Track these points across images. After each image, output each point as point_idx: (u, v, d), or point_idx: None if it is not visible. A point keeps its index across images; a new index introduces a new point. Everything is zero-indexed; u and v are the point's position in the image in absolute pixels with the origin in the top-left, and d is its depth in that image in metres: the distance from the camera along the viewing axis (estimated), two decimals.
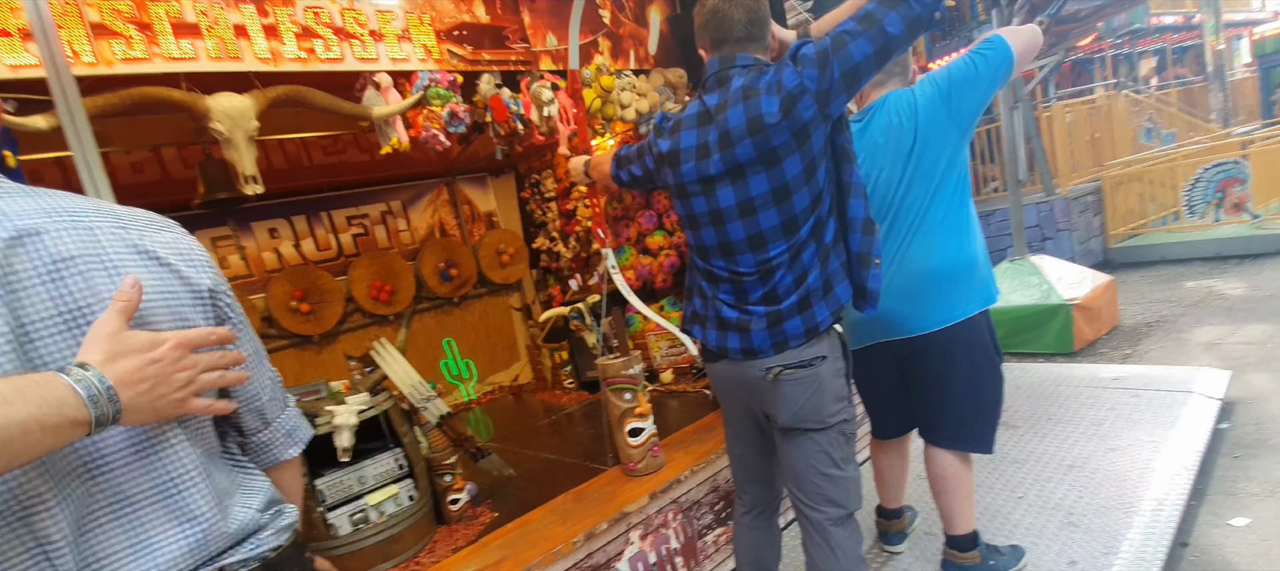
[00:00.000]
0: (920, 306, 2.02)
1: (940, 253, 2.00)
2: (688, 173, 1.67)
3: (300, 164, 4.46)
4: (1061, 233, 7.01)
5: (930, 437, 2.18)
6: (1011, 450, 3.04)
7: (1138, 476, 2.62)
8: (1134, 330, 4.82)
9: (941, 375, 2.06)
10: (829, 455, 1.69)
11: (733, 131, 1.54)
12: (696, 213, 1.69)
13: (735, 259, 1.65)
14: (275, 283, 4.33)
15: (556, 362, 4.91)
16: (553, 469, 3.12)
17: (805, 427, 1.67)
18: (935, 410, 2.13)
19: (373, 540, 2.42)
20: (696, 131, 1.65)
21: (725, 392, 1.88)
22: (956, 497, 2.17)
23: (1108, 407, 3.28)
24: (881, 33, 1.45)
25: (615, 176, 2.06)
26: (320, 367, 4.52)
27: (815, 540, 1.74)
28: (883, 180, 2.03)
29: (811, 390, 1.65)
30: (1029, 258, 5.05)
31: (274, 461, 1.09)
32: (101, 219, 0.86)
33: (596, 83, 3.46)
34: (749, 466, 1.94)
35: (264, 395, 1.07)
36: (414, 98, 2.76)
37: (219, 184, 2.90)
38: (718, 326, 1.74)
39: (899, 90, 2.05)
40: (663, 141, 1.76)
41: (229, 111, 2.30)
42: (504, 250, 5.50)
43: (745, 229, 1.61)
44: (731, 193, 1.60)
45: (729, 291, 1.71)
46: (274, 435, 1.09)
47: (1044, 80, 9.59)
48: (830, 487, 1.70)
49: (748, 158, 1.54)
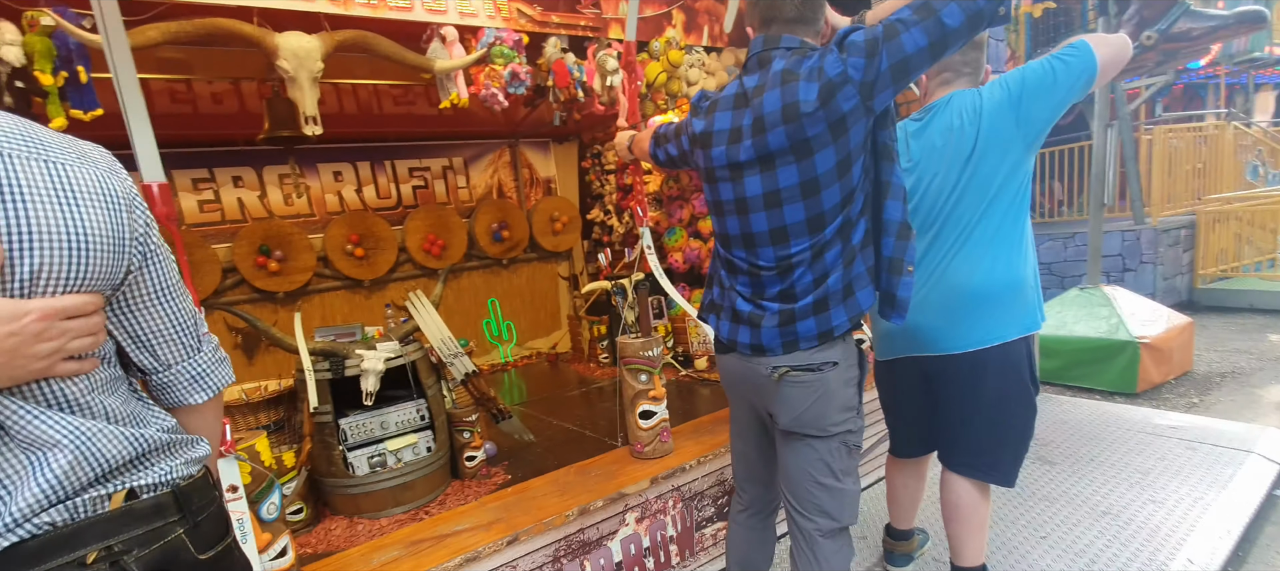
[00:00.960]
0: (956, 324, 1.91)
1: (986, 270, 1.88)
2: (718, 156, 1.60)
3: (371, 111, 4.61)
4: (1145, 265, 6.54)
5: (948, 462, 2.08)
6: (1043, 486, 2.89)
7: (1175, 533, 2.45)
8: (1205, 378, 4.47)
9: (968, 398, 1.95)
10: (828, 465, 1.63)
11: (766, 117, 1.47)
12: (722, 199, 1.64)
13: (756, 251, 1.60)
14: (334, 225, 4.53)
15: (594, 335, 4.96)
16: (573, 440, 3.17)
17: (806, 433, 1.62)
18: (957, 434, 2.02)
19: (387, 484, 2.53)
20: (731, 114, 1.58)
21: (732, 386, 1.83)
22: (969, 528, 2.06)
23: (1157, 456, 3.07)
24: (938, 25, 1.34)
25: (653, 155, 2.02)
26: (368, 312, 4.72)
27: (802, 549, 1.70)
28: (934, 186, 1.91)
29: (816, 396, 1.58)
30: (1102, 288, 4.73)
31: (178, 404, 1.06)
32: (16, 145, 0.83)
33: (664, 56, 3.42)
34: (749, 464, 1.90)
35: (163, 334, 1.01)
36: (477, 54, 2.80)
37: (283, 121, 3.03)
38: (731, 318, 1.70)
39: (965, 91, 1.91)
40: (697, 121, 1.69)
41: (296, 51, 2.40)
42: (558, 217, 5.56)
43: (769, 221, 1.54)
44: (758, 182, 1.53)
45: (747, 284, 1.66)
46: (176, 377, 1.04)
47: (1151, 100, 8.88)
48: (825, 498, 1.64)
49: (779, 146, 1.46)
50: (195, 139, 4.09)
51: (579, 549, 2.11)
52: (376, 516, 2.51)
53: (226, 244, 4.24)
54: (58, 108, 2.06)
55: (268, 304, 4.37)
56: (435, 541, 1.96)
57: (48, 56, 2.01)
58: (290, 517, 2.43)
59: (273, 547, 1.74)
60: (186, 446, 1.02)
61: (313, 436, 2.54)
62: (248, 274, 4.23)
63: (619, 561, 2.22)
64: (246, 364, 4.35)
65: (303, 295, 4.50)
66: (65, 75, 2.07)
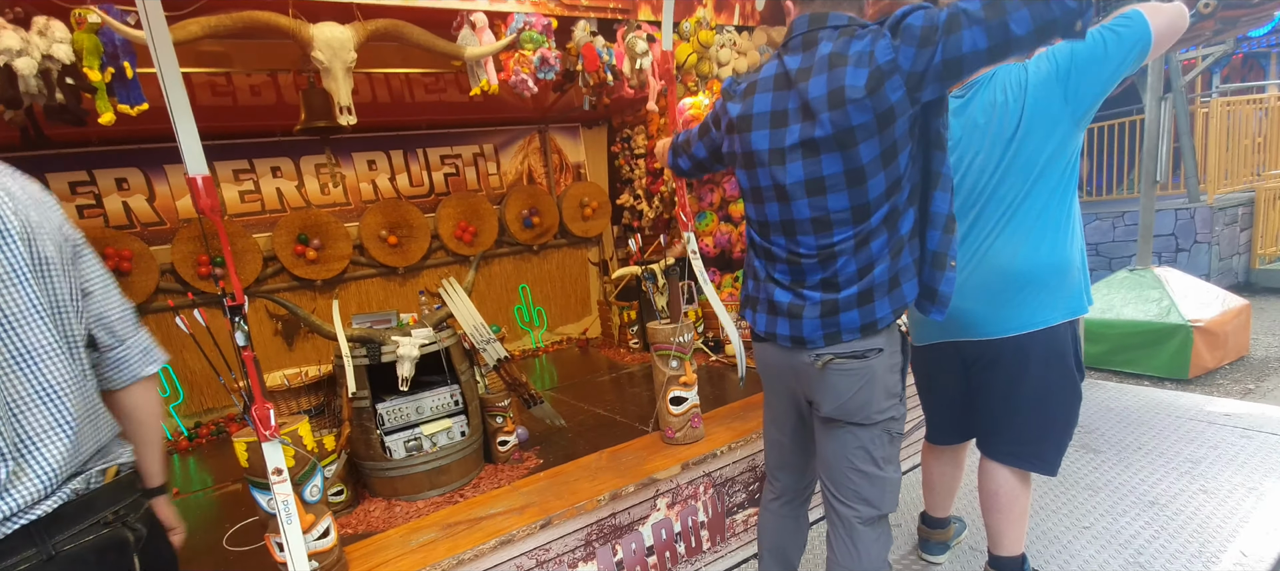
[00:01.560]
0: (998, 308, 1.85)
1: (1030, 252, 1.81)
2: (758, 141, 1.54)
3: (403, 100, 4.67)
4: (1199, 245, 6.26)
5: (988, 450, 2.02)
6: (1087, 475, 2.81)
7: (1226, 525, 2.36)
8: (1262, 364, 4.28)
9: (1011, 385, 1.89)
10: (869, 452, 1.60)
11: (813, 102, 1.40)
12: (761, 185, 1.57)
13: (796, 239, 1.54)
14: (369, 213, 4.61)
15: (625, 321, 4.97)
16: (604, 426, 3.19)
17: (849, 421, 1.58)
18: (998, 421, 1.96)
19: (423, 467, 2.58)
20: (772, 96, 1.50)
21: (770, 375, 1.79)
22: (1008, 517, 2.01)
23: (1210, 445, 2.95)
24: (1003, 28, 1.21)
25: (672, 166, 1.96)
26: (402, 299, 4.81)
27: (841, 536, 1.67)
28: (976, 165, 1.84)
29: (862, 383, 1.54)
30: (1153, 269, 4.55)
31: (134, 377, 1.23)
32: None
33: (694, 37, 3.38)
34: (783, 452, 1.87)
35: (113, 312, 1.21)
36: (507, 39, 2.81)
37: (319, 112, 3.08)
38: (768, 310, 1.65)
39: (1010, 65, 1.82)
40: (733, 105, 1.62)
41: (330, 41, 2.43)
42: (588, 203, 5.57)
43: (811, 209, 1.48)
44: (801, 169, 1.46)
45: (785, 272, 1.60)
46: (131, 352, 1.23)
47: (1208, 71, 8.47)
48: (866, 486, 1.61)
49: (824, 134, 1.40)
50: (235, 131, 4.20)
51: (611, 533, 2.12)
52: (413, 499, 2.57)
53: (267, 233, 4.35)
54: (106, 103, 2.13)
55: (306, 291, 4.48)
56: (470, 524, 2.00)
57: (95, 53, 2.07)
58: (331, 499, 2.50)
59: (316, 528, 1.79)
60: (120, 445, 1.20)
61: (351, 421, 2.60)
62: (287, 262, 4.34)
63: (650, 546, 2.23)
64: (286, 350, 4.48)
65: (339, 282, 4.60)
66: (112, 71, 2.14)
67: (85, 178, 3.93)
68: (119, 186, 4.00)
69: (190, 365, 4.15)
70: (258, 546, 2.37)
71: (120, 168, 3.99)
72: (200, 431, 4.09)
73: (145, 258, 3.96)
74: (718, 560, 2.41)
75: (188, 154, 1.39)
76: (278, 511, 1.53)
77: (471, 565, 1.85)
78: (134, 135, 3.89)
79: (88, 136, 3.83)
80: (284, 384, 2.82)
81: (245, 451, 1.61)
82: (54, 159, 3.84)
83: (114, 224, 4.00)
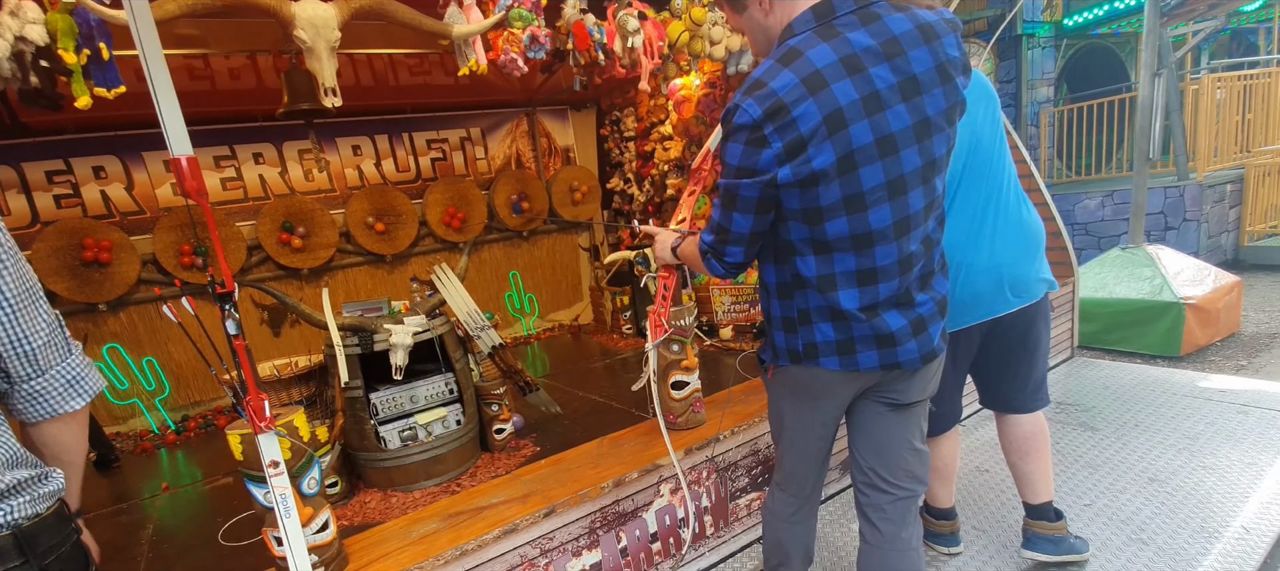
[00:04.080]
0: (1039, 268, 1.94)
1: (1031, 212, 1.95)
2: (859, 134, 1.24)
3: (387, 82, 4.57)
4: (1188, 223, 6.31)
5: (1016, 405, 2.06)
6: (1086, 453, 2.81)
7: (1227, 499, 2.36)
8: (1253, 340, 4.32)
9: (1039, 340, 1.99)
10: (921, 427, 1.59)
11: (922, 77, 1.26)
12: (864, 189, 1.28)
13: (908, 235, 1.34)
14: (355, 199, 4.52)
15: (617, 306, 4.92)
16: (600, 412, 3.16)
17: (922, 400, 1.55)
18: (1021, 377, 2.03)
19: (418, 457, 2.53)
20: (851, 82, 1.23)
21: (832, 397, 1.53)
22: (1047, 457, 2.08)
23: (1207, 421, 2.96)
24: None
25: (721, 272, 1.53)
26: (391, 287, 4.73)
27: (889, 520, 1.58)
28: (984, 135, 1.87)
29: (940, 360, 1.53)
30: (1145, 247, 4.57)
31: (50, 413, 1.01)
32: None
33: (686, 14, 3.30)
34: (822, 461, 1.67)
35: (36, 339, 0.96)
36: (495, 17, 2.72)
37: (303, 95, 2.99)
38: (877, 345, 1.39)
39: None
40: (784, 130, 1.24)
41: (313, 20, 2.34)
42: (578, 187, 5.50)
43: (925, 196, 1.34)
44: (916, 153, 1.29)
45: (893, 288, 1.36)
46: (51, 384, 0.99)
47: (1196, 48, 8.49)
48: (916, 462, 1.59)
49: (936, 110, 1.28)
50: (215, 115, 4.08)
51: (614, 520, 2.09)
52: (409, 489, 2.52)
53: (250, 221, 4.25)
54: (82, 86, 2.04)
55: (293, 281, 4.39)
56: (472, 514, 1.95)
57: (70, 34, 1.98)
58: (327, 491, 2.45)
59: (314, 521, 1.74)
60: (36, 482, 0.96)
61: (344, 411, 2.55)
62: (272, 251, 4.24)
63: (654, 532, 2.20)
64: (273, 340, 4.39)
65: (326, 271, 4.51)
66: (88, 53, 2.04)
67: (62, 166, 3.81)
68: (97, 175, 3.88)
69: (175, 357, 4.06)
70: (255, 540, 2.31)
71: (98, 155, 3.87)
72: (188, 424, 4.01)
73: (125, 248, 3.86)
74: (722, 544, 2.38)
75: (171, 134, 1.32)
76: (275, 505, 1.47)
77: (475, 555, 1.81)
78: (111, 121, 3.77)
79: (64, 123, 3.71)
80: (274, 375, 2.75)
81: (240, 444, 1.55)
82: (30, 147, 3.72)
83: (92, 213, 3.88)
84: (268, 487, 1.44)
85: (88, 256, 3.71)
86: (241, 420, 1.55)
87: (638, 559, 2.16)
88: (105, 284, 3.79)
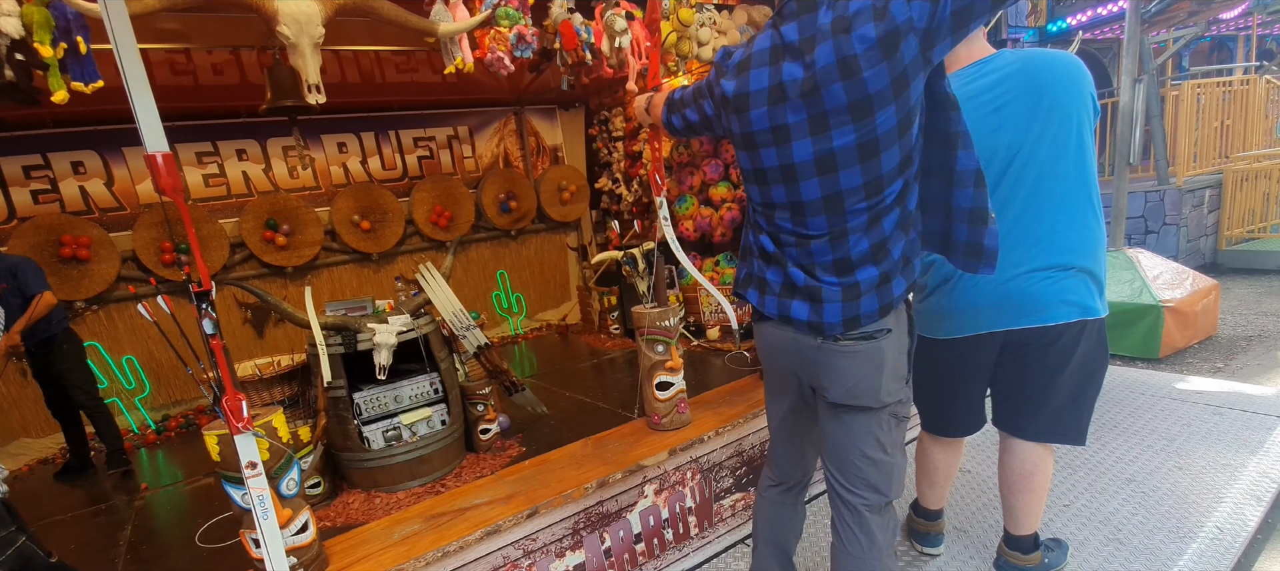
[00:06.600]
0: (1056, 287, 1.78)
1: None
2: (758, 119, 1.43)
3: (373, 79, 4.53)
4: (1168, 227, 6.40)
5: (1021, 431, 1.96)
6: (1064, 454, 2.84)
7: (1202, 500, 2.40)
8: (1230, 342, 4.39)
9: (1059, 364, 1.82)
10: (877, 438, 1.54)
11: (820, 73, 1.30)
12: (765, 166, 1.47)
13: (805, 221, 1.45)
14: (341, 197, 4.48)
15: (605, 307, 4.92)
16: (586, 412, 3.15)
17: (858, 405, 1.52)
18: (1035, 402, 1.89)
19: (403, 457, 2.51)
20: (769, 70, 1.40)
21: (772, 357, 1.70)
22: (1038, 496, 1.99)
23: (1183, 422, 3.01)
24: None
25: (667, 123, 1.84)
26: (377, 285, 4.70)
27: (848, 525, 1.62)
28: (1025, 145, 1.72)
29: (872, 365, 1.48)
30: (1126, 251, 4.63)
31: None
32: None
33: (674, 15, 3.30)
34: (787, 435, 1.79)
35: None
36: (482, 15, 2.71)
37: (286, 91, 2.95)
38: (781, 291, 1.56)
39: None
40: (727, 82, 1.51)
41: (296, 16, 2.31)
42: (566, 187, 5.49)
43: (822, 187, 1.40)
44: (809, 145, 1.37)
45: (796, 254, 1.51)
46: None
47: (1177, 55, 8.62)
48: (873, 473, 1.56)
49: (835, 105, 1.31)
50: (198, 111, 4.04)
51: (598, 521, 2.09)
52: (393, 489, 2.51)
53: (233, 219, 4.20)
54: (58, 80, 2.01)
55: (277, 279, 4.35)
56: (455, 515, 1.95)
57: (46, 27, 1.95)
58: (308, 492, 2.43)
59: (293, 523, 1.72)
60: None
61: (327, 411, 2.52)
62: (256, 249, 4.20)
63: (638, 533, 2.20)
64: (256, 339, 4.35)
65: (311, 269, 4.47)
66: (64, 46, 2.01)
67: (39, 161, 3.75)
68: (75, 170, 3.83)
69: (156, 356, 4.01)
70: (232, 542, 2.29)
71: (76, 150, 3.82)
72: (168, 424, 3.96)
73: (105, 245, 3.80)
74: (706, 545, 2.39)
75: (146, 130, 1.30)
76: (253, 506, 1.46)
77: (457, 557, 1.80)
78: (90, 116, 3.72)
79: (41, 117, 3.65)
80: (256, 374, 2.72)
81: (217, 445, 1.54)
82: (6, 142, 3.65)
83: (71, 209, 3.83)
84: (245, 489, 1.42)
85: (66, 253, 3.66)
86: (220, 420, 1.53)
87: (621, 560, 2.16)
88: (84, 281, 3.73)
